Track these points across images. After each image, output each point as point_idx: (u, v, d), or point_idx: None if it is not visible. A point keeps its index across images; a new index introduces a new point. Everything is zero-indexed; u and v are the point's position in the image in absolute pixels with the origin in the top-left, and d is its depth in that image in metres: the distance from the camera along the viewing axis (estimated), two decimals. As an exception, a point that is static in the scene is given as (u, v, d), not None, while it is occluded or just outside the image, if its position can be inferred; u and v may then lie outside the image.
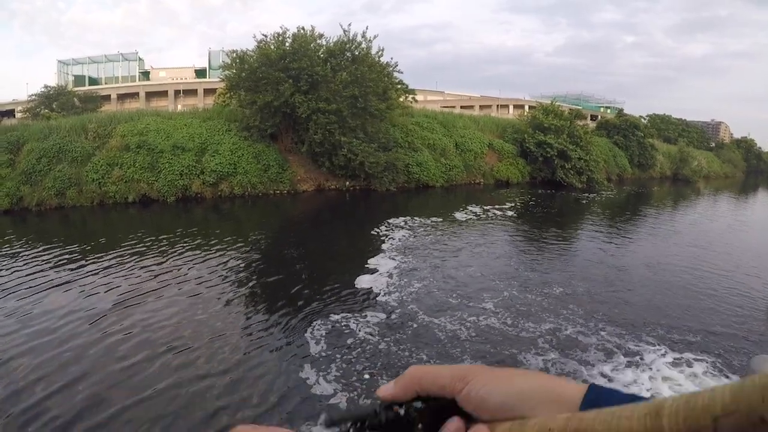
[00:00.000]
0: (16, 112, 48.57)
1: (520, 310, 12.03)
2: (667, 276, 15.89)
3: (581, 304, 12.67)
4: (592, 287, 14.26)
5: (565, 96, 76.59)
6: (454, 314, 11.51)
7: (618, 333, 10.94)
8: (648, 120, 75.56)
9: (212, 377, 8.43)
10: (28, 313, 11.51)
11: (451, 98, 67.44)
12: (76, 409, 7.43)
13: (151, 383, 8.20)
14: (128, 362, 8.95)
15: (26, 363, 8.90)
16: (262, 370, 8.69)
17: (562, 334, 10.81)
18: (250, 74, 31.18)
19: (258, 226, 23.28)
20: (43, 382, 8.22)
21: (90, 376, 8.42)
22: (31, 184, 26.93)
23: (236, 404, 7.66)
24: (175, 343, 9.76)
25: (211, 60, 58.90)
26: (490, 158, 40.02)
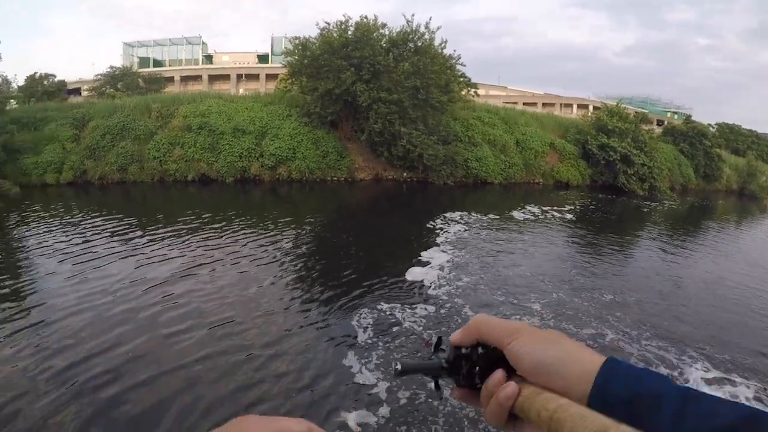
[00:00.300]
0: (82, 91, 49.88)
1: (566, 314, 11.58)
2: (726, 294, 14.78)
3: (629, 313, 12.06)
4: (643, 297, 13.46)
5: (631, 98, 74.73)
6: (501, 312, 11.15)
7: (662, 345, 10.28)
8: (716, 129, 73.36)
9: (253, 350, 8.44)
10: (85, 277, 11.86)
11: (514, 94, 66.60)
12: (117, 369, 7.59)
13: (193, 350, 8.32)
14: (174, 329, 9.11)
15: (77, 322, 9.20)
16: (303, 349, 8.63)
17: (604, 340, 10.38)
18: (313, 61, 31.21)
19: (314, 211, 23.20)
20: (90, 341, 8.46)
21: (135, 339, 8.61)
22: (94, 158, 27.89)
23: (272, 378, 7.64)
24: (221, 316, 9.86)
25: (274, 46, 59.47)
26: (550, 158, 39.03)
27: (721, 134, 71.14)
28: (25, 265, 13.31)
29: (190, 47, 61.70)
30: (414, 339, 9.37)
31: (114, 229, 16.84)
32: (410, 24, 32.58)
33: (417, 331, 9.63)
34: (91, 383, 7.11)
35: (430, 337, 2.10)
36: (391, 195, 29.93)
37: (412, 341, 9.25)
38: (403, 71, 30.64)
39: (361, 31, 31.42)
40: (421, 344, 9.05)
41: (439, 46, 33.06)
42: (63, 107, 32.92)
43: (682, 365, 9.56)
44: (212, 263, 13.41)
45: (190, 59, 61.05)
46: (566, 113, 61.68)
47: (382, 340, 9.10)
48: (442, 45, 33.14)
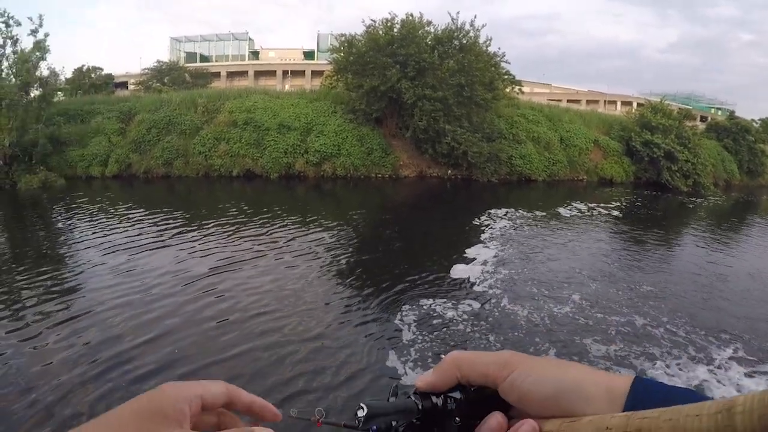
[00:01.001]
0: (128, 85, 50.58)
1: (600, 303, 11.83)
2: None
3: (666, 303, 12.26)
4: (683, 289, 13.62)
5: (674, 95, 73.63)
6: (543, 306, 11.25)
7: (693, 332, 10.54)
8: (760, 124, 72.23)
9: (294, 345, 8.58)
10: (130, 269, 12.21)
11: (558, 91, 66.00)
12: (159, 361, 7.82)
13: (234, 343, 8.49)
14: (215, 322, 9.31)
15: (121, 313, 9.50)
16: (344, 344, 8.74)
17: (634, 327, 10.55)
18: (358, 58, 31.39)
19: (358, 207, 23.42)
20: (133, 332, 8.73)
21: (177, 332, 8.84)
22: (140, 152, 28.49)
23: (312, 373, 7.73)
24: (263, 309, 10.03)
25: (320, 42, 59.80)
26: (594, 155, 38.72)
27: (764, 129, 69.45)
28: (69, 256, 13.73)
29: (236, 43, 62.28)
30: (458, 336, 9.49)
31: (158, 222, 17.29)
32: (455, 22, 32.63)
33: (459, 330, 9.74)
34: (132, 374, 7.35)
35: (321, 414, 1.25)
36: (435, 192, 30.10)
37: (456, 338, 9.37)
38: (447, 69, 30.61)
39: (406, 28, 31.55)
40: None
41: (484, 43, 32.98)
42: (109, 100, 33.58)
43: (711, 350, 9.74)
44: (255, 258, 13.68)
45: (236, 55, 61.58)
46: (610, 110, 60.95)
47: (424, 336, 9.18)
48: (487, 42, 33.06)
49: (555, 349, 9.22)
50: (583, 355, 9.14)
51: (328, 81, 35.46)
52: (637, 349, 9.53)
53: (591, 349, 9.32)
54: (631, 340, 9.92)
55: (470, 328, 9.80)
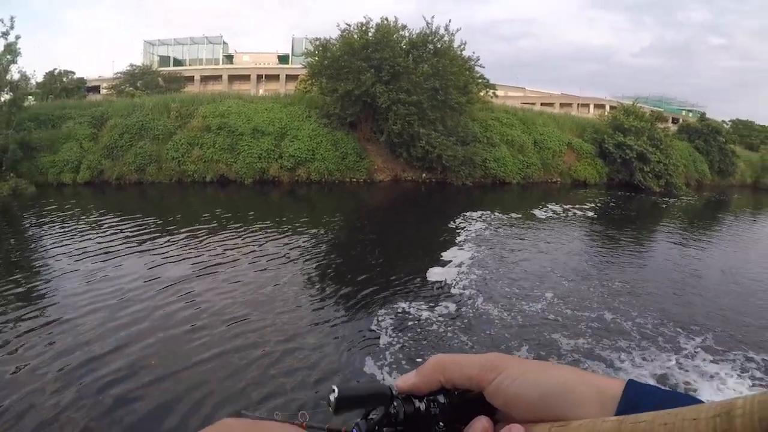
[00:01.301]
0: (101, 89, 50.06)
1: (572, 300, 12.00)
2: (742, 283, 14.97)
3: (637, 299, 12.57)
4: (655, 285, 13.96)
5: (646, 98, 74.51)
6: (517, 305, 11.37)
7: (662, 324, 10.82)
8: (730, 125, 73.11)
9: (267, 347, 8.53)
10: (100, 276, 12.02)
11: (532, 95, 66.40)
12: (130, 367, 7.70)
13: (206, 348, 8.41)
14: (188, 327, 9.23)
15: (91, 321, 9.33)
16: (317, 346, 8.70)
17: (602, 322, 10.76)
18: (333, 62, 31.40)
19: (333, 212, 23.35)
20: (103, 339, 8.57)
21: (148, 338, 8.71)
22: (112, 158, 28.11)
23: (284, 374, 7.71)
24: (236, 315, 9.95)
25: (294, 47, 59.45)
26: (568, 157, 39.20)
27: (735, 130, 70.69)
28: (40, 264, 13.51)
29: (210, 47, 61.75)
30: (433, 337, 9.51)
31: (130, 229, 17.05)
32: (430, 26, 32.78)
33: (435, 331, 9.75)
34: (102, 381, 7.24)
35: (305, 418, 1.21)
36: (410, 196, 30.15)
37: (431, 339, 9.39)
38: (422, 73, 30.74)
39: (381, 32, 31.57)
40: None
41: (458, 47, 33.22)
42: (81, 105, 33.11)
43: (680, 341, 10.00)
44: (229, 264, 13.55)
45: (210, 59, 61.05)
46: (583, 113, 61.53)
47: (400, 339, 9.15)
48: (461, 47, 33.31)
49: (527, 345, 9.34)
50: (552, 349, 9.30)
51: (302, 85, 35.52)
52: (606, 342, 9.70)
53: (561, 343, 9.47)
54: (601, 334, 10.09)
55: (445, 330, 9.81)
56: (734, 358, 9.47)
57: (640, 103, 45.83)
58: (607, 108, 60.69)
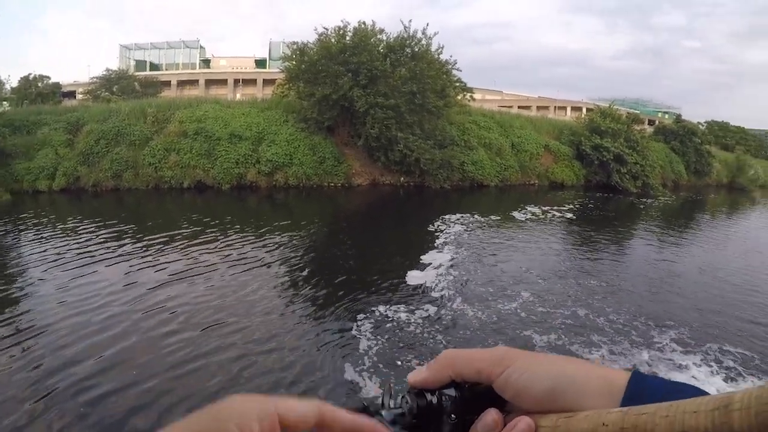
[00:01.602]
0: (77, 94, 49.65)
1: (548, 298, 12.22)
2: (719, 283, 15.30)
3: (614, 296, 12.86)
4: (631, 283, 14.30)
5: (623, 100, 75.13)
6: (494, 305, 11.49)
7: (634, 320, 11.08)
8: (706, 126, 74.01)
9: (246, 356, 8.48)
10: (75, 284, 11.90)
11: (509, 98, 66.86)
12: (104, 373, 7.65)
13: (181, 352, 8.41)
14: (165, 335, 9.16)
15: (65, 328, 9.27)
16: (298, 354, 8.63)
17: (584, 321, 10.96)
18: (310, 66, 31.25)
19: (311, 217, 23.23)
20: (77, 345, 8.53)
21: (122, 343, 8.68)
22: (88, 164, 27.71)
23: (260, 376, 7.77)
24: (213, 319, 9.94)
25: (272, 51, 59.38)
26: (545, 159, 39.52)
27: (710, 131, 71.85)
28: (14, 272, 13.31)
29: (187, 51, 61.50)
30: (411, 339, 9.54)
31: (106, 236, 16.86)
32: (407, 30, 32.77)
33: (415, 333, 9.77)
34: (74, 387, 7.20)
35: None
36: (389, 200, 30.14)
37: (409, 341, 9.41)
38: (399, 76, 30.72)
39: (358, 36, 31.55)
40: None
41: (436, 51, 33.24)
42: (57, 111, 32.54)
43: (653, 335, 10.28)
44: (206, 269, 13.45)
45: (187, 63, 60.74)
46: (560, 116, 62.00)
47: (380, 343, 9.15)
48: (439, 50, 33.34)
49: (503, 342, 9.37)
50: (528, 345, 9.39)
51: (279, 90, 35.23)
52: (580, 337, 9.92)
53: (535, 340, 9.65)
54: (574, 330, 10.31)
55: (423, 331, 9.84)
56: (707, 350, 9.74)
57: (616, 106, 46.10)
58: (583, 110, 61.09)
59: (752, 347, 10.08)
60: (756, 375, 9.08)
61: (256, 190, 29.19)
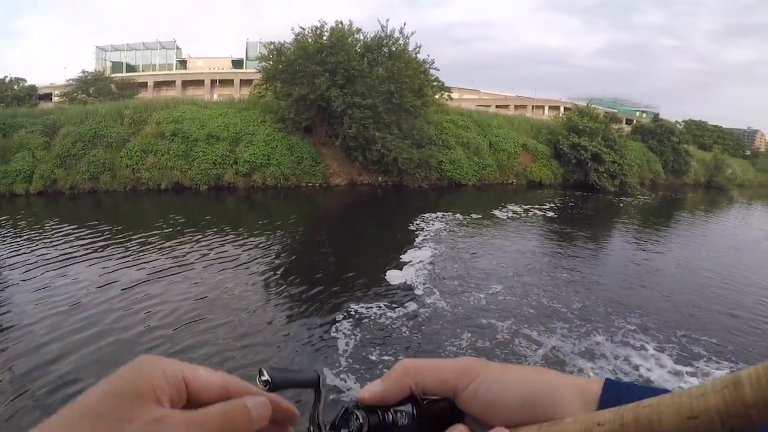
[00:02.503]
0: (53, 96, 49.21)
1: (516, 291, 12.67)
2: (696, 279, 15.60)
3: (583, 289, 13.31)
4: (603, 277, 14.75)
5: (601, 99, 75.84)
6: (469, 301, 11.73)
7: (597, 308, 11.57)
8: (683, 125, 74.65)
9: (221, 358, 8.50)
10: (51, 286, 11.90)
11: (487, 97, 67.32)
12: (81, 370, 7.73)
13: (156, 348, 8.52)
14: (140, 329, 9.33)
15: (41, 329, 9.29)
16: (274, 355, 8.68)
17: (538, 309, 11.42)
18: (287, 66, 31.21)
19: (289, 217, 23.15)
20: (55, 343, 8.64)
21: (100, 341, 8.77)
22: (65, 167, 27.31)
23: (232, 372, 7.63)
24: (189, 318, 10.01)
25: (249, 51, 59.33)
26: (523, 158, 39.78)
27: (688, 130, 72.47)
28: None
29: (164, 52, 61.24)
30: (387, 336, 9.64)
31: (83, 238, 16.73)
32: (385, 29, 32.86)
33: (393, 332, 9.87)
34: (55, 384, 7.25)
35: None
36: (367, 199, 30.15)
37: (384, 338, 9.51)
38: (377, 76, 30.80)
39: (335, 36, 31.54)
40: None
41: (414, 50, 33.42)
42: (33, 113, 32.06)
43: (617, 323, 10.73)
44: (183, 269, 13.48)
45: (164, 64, 60.50)
46: (538, 115, 62.42)
47: (358, 343, 9.19)
48: (416, 50, 33.52)
49: (469, 333, 9.79)
50: (492, 334, 9.79)
51: (257, 90, 35.21)
52: (550, 325, 10.35)
53: (500, 327, 10.05)
54: (540, 320, 10.68)
55: (400, 328, 10.00)
56: (669, 337, 10.06)
57: (594, 105, 46.55)
58: (561, 109, 61.56)
59: (716, 334, 10.41)
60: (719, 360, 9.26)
61: (233, 190, 29.03)
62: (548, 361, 8.80)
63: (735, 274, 16.64)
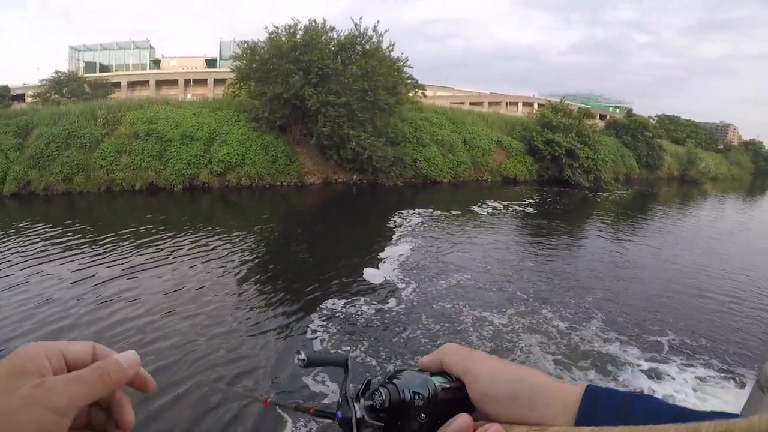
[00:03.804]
0: (26, 97, 48.65)
1: (486, 278, 13.33)
2: (671, 274, 15.78)
3: (551, 277, 13.96)
4: (589, 276, 14.73)
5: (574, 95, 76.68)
6: (453, 300, 11.81)
7: (564, 294, 12.22)
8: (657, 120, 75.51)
9: (188, 346, 8.68)
10: (27, 282, 12.02)
11: (461, 94, 67.45)
12: None
13: (133, 342, 8.66)
14: (111, 321, 9.54)
15: (14, 322, 9.51)
16: (249, 355, 8.68)
17: (504, 294, 12.04)
18: (261, 65, 31.17)
19: (264, 216, 23.23)
20: (25, 337, 8.86)
21: (70, 334, 9.00)
22: (39, 168, 27.03)
23: (204, 370, 7.89)
24: (160, 315, 10.08)
25: (222, 50, 59.07)
26: (498, 155, 40.12)
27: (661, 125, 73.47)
28: None
29: (137, 51, 60.58)
30: (363, 332, 9.83)
31: (57, 239, 16.65)
32: (358, 27, 32.96)
33: (368, 325, 10.10)
34: None
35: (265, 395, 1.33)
36: (342, 198, 30.27)
37: (360, 335, 9.66)
38: (351, 74, 30.81)
39: (309, 34, 31.50)
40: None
41: (387, 48, 33.47)
42: (6, 114, 31.65)
43: (572, 302, 11.54)
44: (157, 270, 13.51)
45: (137, 64, 59.87)
46: (512, 111, 62.72)
47: (334, 341, 9.30)
48: (390, 48, 33.58)
49: (443, 323, 10.24)
50: (454, 319, 10.36)
51: (230, 89, 35.09)
52: (513, 309, 11.04)
53: (472, 317, 10.54)
54: (506, 305, 11.28)
55: (374, 323, 10.25)
56: (641, 323, 10.38)
57: (568, 101, 46.88)
58: (535, 106, 61.89)
59: (687, 318, 10.62)
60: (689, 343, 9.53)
61: (208, 190, 28.93)
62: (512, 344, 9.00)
63: (710, 263, 17.09)
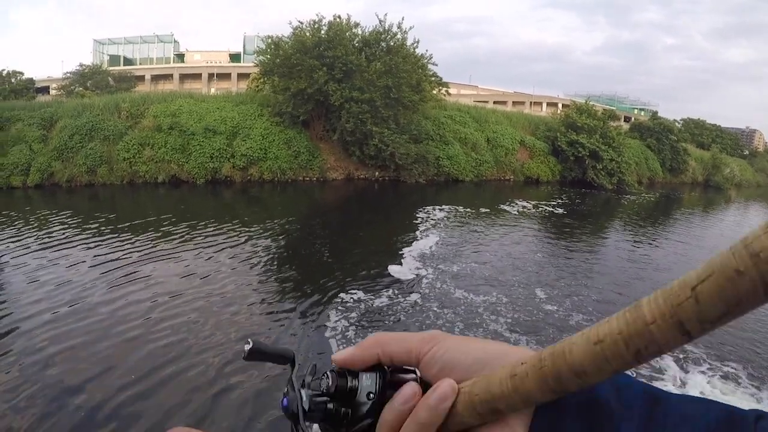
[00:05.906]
0: (50, 89, 49.10)
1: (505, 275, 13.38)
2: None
3: (563, 275, 14.04)
4: (607, 278, 14.71)
5: (599, 96, 76.01)
6: (471, 298, 11.77)
7: (577, 293, 12.40)
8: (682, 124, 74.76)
9: (217, 350, 8.53)
10: (44, 282, 11.77)
11: (485, 93, 67.20)
12: (74, 370, 7.65)
13: (156, 357, 8.35)
14: (136, 333, 9.16)
15: (45, 327, 9.19)
16: (268, 330, 9.01)
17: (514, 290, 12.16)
18: (285, 60, 31.10)
19: (286, 211, 23.17)
20: (44, 328, 8.94)
21: (99, 342, 8.66)
22: (62, 160, 27.23)
23: (234, 379, 7.70)
24: (187, 312, 10.04)
25: (246, 45, 59.13)
26: (521, 155, 39.83)
27: (686, 129, 72.60)
28: None
29: (161, 45, 60.79)
30: (385, 323, 9.87)
31: (79, 233, 16.66)
32: (383, 24, 32.83)
33: (389, 317, 10.13)
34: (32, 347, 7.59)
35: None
36: (364, 194, 30.16)
37: (383, 329, 9.45)
38: (375, 71, 30.68)
39: (333, 30, 31.49)
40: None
41: (411, 45, 33.36)
42: (30, 106, 31.91)
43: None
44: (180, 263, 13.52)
45: (161, 57, 60.11)
46: (536, 111, 62.41)
47: (357, 336, 9.24)
48: (414, 45, 33.48)
49: (455, 313, 10.45)
50: (478, 314, 10.43)
51: (254, 84, 35.22)
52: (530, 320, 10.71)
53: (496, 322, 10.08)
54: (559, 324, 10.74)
55: (396, 316, 10.27)
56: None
57: (592, 102, 46.45)
58: (559, 106, 61.62)
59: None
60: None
61: (230, 184, 28.99)
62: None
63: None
